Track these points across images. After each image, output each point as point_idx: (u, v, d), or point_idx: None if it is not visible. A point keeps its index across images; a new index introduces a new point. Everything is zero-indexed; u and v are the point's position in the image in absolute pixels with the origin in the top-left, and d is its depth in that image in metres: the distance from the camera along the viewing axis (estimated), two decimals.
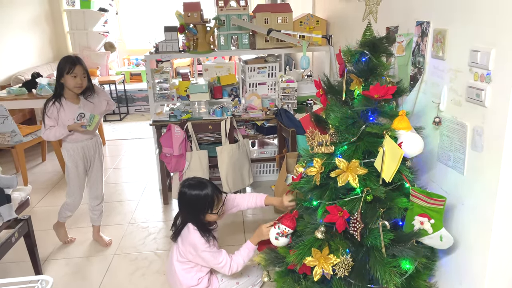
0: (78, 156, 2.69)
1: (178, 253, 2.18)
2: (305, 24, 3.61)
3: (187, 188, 2.10)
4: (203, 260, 2.12)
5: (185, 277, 2.17)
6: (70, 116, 2.58)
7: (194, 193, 2.07)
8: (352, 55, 1.72)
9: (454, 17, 1.68)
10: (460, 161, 1.68)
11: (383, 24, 2.34)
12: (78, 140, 2.66)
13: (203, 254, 2.09)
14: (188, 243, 2.12)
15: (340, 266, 1.64)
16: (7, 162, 4.46)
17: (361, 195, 1.64)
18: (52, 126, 2.57)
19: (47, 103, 2.58)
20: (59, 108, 2.57)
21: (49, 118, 2.56)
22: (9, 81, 5.05)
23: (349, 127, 1.70)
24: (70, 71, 2.53)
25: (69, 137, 2.63)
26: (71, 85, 2.55)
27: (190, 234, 2.11)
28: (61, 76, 2.55)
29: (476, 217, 1.62)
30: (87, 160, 2.75)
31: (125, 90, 6.57)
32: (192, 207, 2.10)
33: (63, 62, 2.54)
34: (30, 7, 5.81)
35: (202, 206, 2.08)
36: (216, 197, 2.11)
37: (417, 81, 1.97)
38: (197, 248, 2.09)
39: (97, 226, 2.95)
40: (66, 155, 2.68)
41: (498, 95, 1.44)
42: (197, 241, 2.08)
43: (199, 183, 2.12)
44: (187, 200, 2.09)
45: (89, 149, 2.73)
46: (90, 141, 2.73)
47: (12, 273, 2.61)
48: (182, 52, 3.63)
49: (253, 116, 3.43)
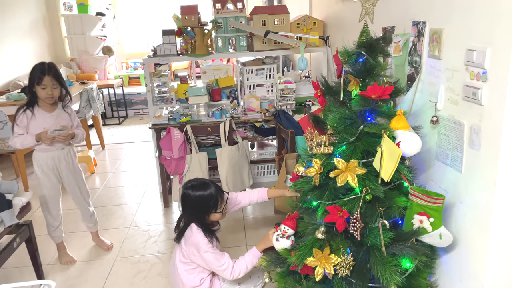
0: (47, 167, 2.57)
1: (181, 254, 2.19)
2: (302, 25, 3.63)
3: (191, 189, 2.11)
4: (205, 261, 2.12)
5: (187, 278, 2.18)
6: (40, 124, 2.48)
7: (198, 194, 2.09)
8: (349, 56, 1.73)
9: (450, 17, 1.69)
10: (458, 159, 1.69)
11: (379, 24, 2.36)
12: (48, 150, 2.54)
13: (206, 255, 2.09)
14: (191, 244, 2.12)
15: (341, 265, 1.66)
16: (8, 168, 4.46)
17: (360, 194, 1.66)
18: (21, 134, 2.47)
19: (18, 110, 2.48)
20: (30, 116, 2.47)
21: (18, 126, 2.46)
22: (8, 87, 5.05)
23: (348, 128, 1.71)
24: (40, 82, 2.43)
25: (39, 147, 2.53)
26: (42, 96, 2.47)
27: (193, 234, 2.12)
28: (31, 85, 2.46)
29: (475, 215, 1.63)
30: (58, 171, 2.63)
31: (124, 94, 6.58)
32: (197, 208, 2.12)
33: (33, 71, 2.44)
34: (27, 13, 5.83)
35: (207, 206, 2.11)
36: (220, 196, 2.14)
37: (414, 80, 1.99)
38: (200, 248, 2.09)
39: (95, 231, 2.95)
40: (36, 165, 2.58)
41: (494, 94, 1.46)
42: (200, 241, 2.09)
43: (202, 183, 2.14)
44: (191, 202, 2.11)
45: (60, 159, 2.60)
46: (61, 151, 2.60)
47: (14, 278, 2.62)
48: (180, 55, 3.65)
49: (252, 118, 3.44)
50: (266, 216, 3.23)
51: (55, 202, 2.69)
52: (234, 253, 2.41)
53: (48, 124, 2.51)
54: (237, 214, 3.30)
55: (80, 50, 6.52)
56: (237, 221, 3.20)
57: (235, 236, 2.97)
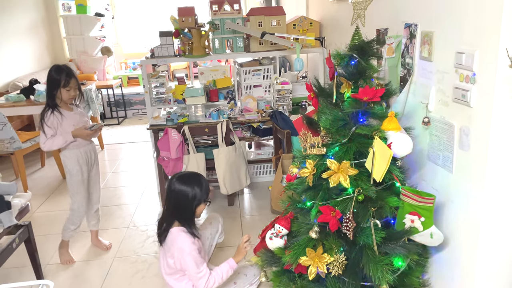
0: (82, 161, 2.70)
1: (166, 266, 2.15)
2: (298, 26, 3.66)
3: (180, 181, 2.08)
4: (185, 264, 2.04)
5: (179, 286, 2.18)
6: (71, 123, 2.60)
7: (188, 184, 2.08)
8: (341, 58, 1.76)
9: (440, 20, 1.72)
10: (449, 160, 1.72)
11: (372, 27, 2.39)
12: (81, 145, 2.68)
13: (188, 257, 2.02)
14: (175, 249, 2.06)
15: (334, 264, 1.69)
16: (7, 169, 4.49)
17: (352, 195, 1.69)
18: (53, 135, 2.58)
19: (45, 113, 2.57)
20: (60, 117, 2.57)
21: (49, 127, 2.55)
22: (7, 88, 5.08)
23: (340, 129, 1.74)
24: (67, 84, 2.55)
25: (72, 144, 2.63)
26: (65, 98, 2.58)
27: (176, 236, 2.07)
28: (55, 88, 2.55)
29: (465, 214, 1.67)
30: (90, 164, 2.78)
31: (123, 94, 6.61)
32: (187, 200, 2.07)
33: (56, 74, 2.53)
34: (26, 14, 5.85)
35: (199, 197, 2.09)
36: (208, 186, 2.15)
37: (407, 82, 2.02)
38: (183, 250, 2.03)
39: (95, 230, 2.98)
40: (70, 162, 2.66)
41: (482, 96, 1.49)
42: (185, 242, 2.04)
43: (190, 174, 2.16)
44: (182, 193, 2.06)
45: (90, 153, 2.77)
46: (90, 145, 2.77)
47: (14, 278, 2.65)
48: (177, 56, 3.67)
49: (249, 118, 3.47)
50: (263, 215, 3.27)
51: (87, 200, 2.81)
52: (231, 252, 2.44)
53: (76, 121, 2.64)
54: (234, 213, 3.34)
55: (79, 50, 6.55)
56: (234, 220, 3.23)
57: (232, 235, 3.00)
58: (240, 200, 3.60)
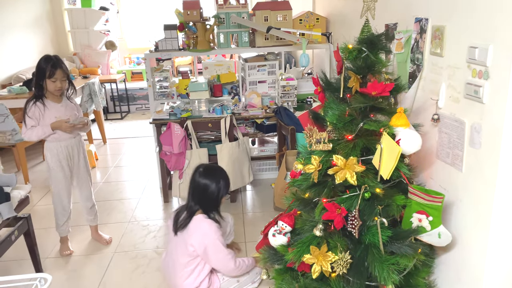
0: (62, 156, 2.62)
1: (182, 255, 2.15)
2: (305, 21, 3.61)
3: (208, 173, 2.18)
4: (213, 249, 2.10)
5: (187, 281, 2.16)
6: (53, 114, 2.54)
7: (215, 177, 2.18)
8: (350, 52, 1.71)
9: (452, 14, 1.67)
10: (459, 158, 1.67)
11: (382, 21, 2.34)
12: (61, 139, 2.60)
13: (216, 242, 2.10)
14: (200, 234, 2.11)
15: (339, 263, 1.64)
16: (9, 161, 4.47)
17: (359, 192, 1.64)
18: (34, 126, 2.51)
19: (27, 103, 2.52)
20: (42, 108, 2.52)
21: (30, 118, 2.50)
22: (10, 80, 5.06)
23: (347, 124, 1.70)
24: (52, 75, 2.48)
25: (52, 136, 2.57)
26: (51, 89, 2.52)
27: (201, 223, 2.12)
28: (41, 78, 2.49)
29: (474, 214, 1.62)
30: (71, 159, 2.68)
31: (126, 89, 6.57)
32: (213, 191, 2.17)
33: (43, 64, 2.48)
34: (31, 7, 5.82)
35: (224, 189, 2.20)
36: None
37: (416, 78, 1.97)
38: (211, 235, 2.10)
39: (94, 226, 2.95)
40: (49, 156, 2.61)
41: (496, 92, 1.44)
42: (211, 228, 2.12)
43: (216, 167, 2.31)
44: (208, 185, 2.15)
45: (72, 147, 2.67)
46: (73, 139, 2.67)
47: (13, 271, 2.62)
48: (182, 50, 3.63)
49: (253, 114, 3.43)
50: (266, 213, 3.23)
51: (68, 196, 2.74)
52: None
53: (60, 113, 2.58)
54: (236, 210, 3.30)
55: (83, 44, 6.52)
56: (237, 217, 3.19)
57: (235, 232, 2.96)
58: (242, 197, 3.56)
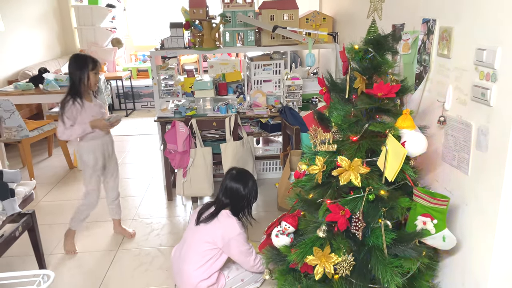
0: (98, 153, 2.69)
1: (200, 243, 2.20)
2: (311, 21, 3.59)
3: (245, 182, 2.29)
4: (236, 242, 2.18)
5: (197, 271, 2.18)
6: (89, 114, 2.58)
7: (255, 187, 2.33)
8: (356, 52, 1.70)
9: (460, 15, 1.65)
10: (465, 161, 1.66)
11: (389, 21, 2.32)
12: (98, 137, 2.67)
13: (240, 236, 2.19)
14: (226, 226, 2.20)
15: (342, 265, 1.63)
16: (14, 157, 4.49)
17: (363, 194, 1.63)
18: (72, 125, 2.55)
19: (65, 103, 2.53)
20: (80, 107, 2.54)
21: (68, 118, 2.53)
22: (16, 76, 5.08)
23: (352, 126, 1.69)
24: (94, 68, 2.56)
25: (90, 135, 2.62)
26: (93, 82, 2.58)
27: (228, 218, 2.22)
28: (83, 72, 2.53)
29: (480, 218, 1.60)
30: (107, 156, 2.77)
31: (132, 86, 6.58)
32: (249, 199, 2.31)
33: (83, 60, 2.54)
34: (38, 3, 5.84)
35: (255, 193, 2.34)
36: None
37: (423, 79, 1.95)
38: (236, 230, 2.19)
39: (117, 219, 2.98)
40: (86, 154, 2.66)
41: (504, 94, 1.42)
42: (236, 224, 2.21)
43: (246, 172, 2.37)
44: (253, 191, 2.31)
45: (107, 144, 2.77)
46: (107, 137, 2.76)
47: (17, 267, 2.63)
48: (187, 48, 3.63)
49: (258, 114, 3.42)
50: (269, 212, 3.22)
51: (99, 191, 2.80)
52: None
53: (95, 113, 2.63)
54: None
55: (90, 41, 6.54)
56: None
57: None
58: None
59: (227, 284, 2.27)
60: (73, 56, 2.59)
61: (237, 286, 2.31)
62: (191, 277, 2.18)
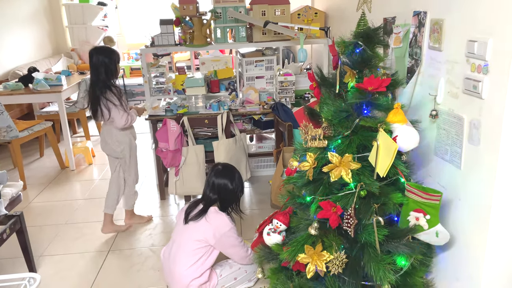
0: (134, 139, 2.92)
1: (191, 242, 2.17)
2: (303, 16, 3.56)
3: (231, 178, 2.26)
4: (228, 238, 2.18)
5: (188, 270, 2.15)
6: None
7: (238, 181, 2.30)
8: (345, 46, 1.67)
9: (451, 7, 1.62)
10: (457, 155, 1.63)
11: (380, 14, 2.29)
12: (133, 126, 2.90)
13: (231, 231, 2.19)
14: (217, 222, 2.19)
15: (334, 263, 1.61)
16: (5, 158, 4.44)
17: (354, 190, 1.60)
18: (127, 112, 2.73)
19: (113, 94, 2.66)
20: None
21: (126, 104, 2.70)
22: (7, 76, 5.01)
23: (343, 121, 1.66)
24: (119, 59, 2.70)
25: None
26: (118, 73, 2.72)
27: (217, 214, 2.21)
28: (115, 64, 2.65)
29: (473, 213, 1.58)
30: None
31: (125, 85, 6.51)
32: (236, 194, 2.30)
33: (110, 52, 2.64)
34: (29, 2, 5.76)
35: (241, 187, 2.34)
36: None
37: (414, 73, 1.92)
38: (227, 225, 2.19)
39: (130, 210, 3.06)
40: (129, 141, 2.86)
41: (495, 87, 1.40)
42: (226, 219, 2.21)
43: (232, 167, 2.35)
44: (240, 185, 2.30)
45: (135, 133, 2.98)
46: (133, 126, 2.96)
47: (5, 269, 2.59)
48: (178, 45, 3.58)
49: (250, 110, 3.38)
50: (263, 210, 3.19)
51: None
52: None
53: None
54: None
55: (81, 40, 6.46)
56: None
57: None
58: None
59: (219, 283, 2.25)
60: (98, 49, 2.65)
61: (230, 284, 2.29)
62: (183, 277, 2.15)
